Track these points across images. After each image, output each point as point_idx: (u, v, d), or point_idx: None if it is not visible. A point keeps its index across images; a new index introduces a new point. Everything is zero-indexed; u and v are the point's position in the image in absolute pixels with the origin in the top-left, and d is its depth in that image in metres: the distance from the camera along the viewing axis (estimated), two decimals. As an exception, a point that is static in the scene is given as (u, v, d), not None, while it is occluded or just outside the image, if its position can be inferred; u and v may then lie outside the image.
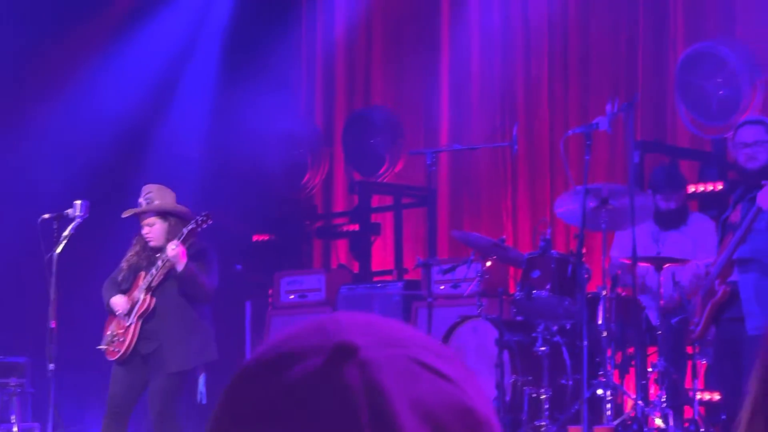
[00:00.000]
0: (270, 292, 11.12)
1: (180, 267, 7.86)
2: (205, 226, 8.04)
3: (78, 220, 8.21)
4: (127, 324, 8.09)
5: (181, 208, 8.21)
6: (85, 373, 8.86)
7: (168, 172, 10.84)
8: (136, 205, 8.26)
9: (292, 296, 10.88)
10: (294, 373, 0.95)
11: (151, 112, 12.34)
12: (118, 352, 8.08)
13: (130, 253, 8.31)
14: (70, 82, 11.88)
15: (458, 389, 0.96)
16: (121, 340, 8.12)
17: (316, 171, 12.66)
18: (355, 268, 11.62)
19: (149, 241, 8.15)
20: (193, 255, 8.03)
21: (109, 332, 8.20)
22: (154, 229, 8.11)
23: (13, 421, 9.77)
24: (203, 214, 8.02)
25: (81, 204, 8.21)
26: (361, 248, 11.64)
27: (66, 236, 8.19)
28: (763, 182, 7.50)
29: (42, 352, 8.44)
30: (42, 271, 8.31)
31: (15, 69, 11.38)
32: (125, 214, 8.28)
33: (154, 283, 8.07)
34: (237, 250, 11.51)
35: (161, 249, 8.03)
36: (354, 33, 13.23)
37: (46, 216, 8.30)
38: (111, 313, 8.18)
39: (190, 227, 7.86)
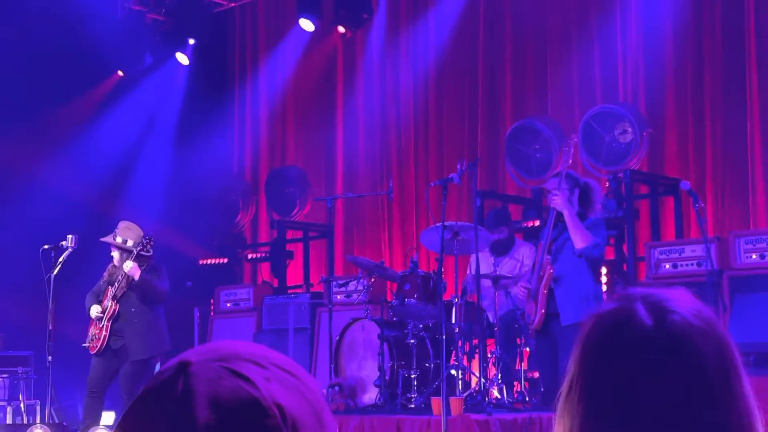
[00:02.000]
0: (212, 301, 11.24)
1: (136, 277, 8.03)
2: (149, 246, 8.16)
3: (70, 249, 8.25)
4: (101, 326, 8.16)
5: (129, 243, 8.20)
6: (73, 363, 8.88)
7: (137, 211, 11.05)
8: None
9: (228, 304, 11.09)
10: (156, 381, 1.04)
11: (125, 167, 12.44)
12: (96, 347, 8.18)
13: (106, 272, 8.41)
14: (64, 145, 11.93)
15: (254, 388, 1.00)
16: (98, 338, 8.18)
17: (246, 212, 12.80)
18: (275, 283, 11.64)
19: (115, 262, 8.32)
20: (149, 269, 8.20)
21: (90, 333, 8.27)
22: (117, 255, 8.27)
23: (21, 399, 9.76)
24: (147, 237, 8.17)
25: (72, 237, 8.26)
26: (279, 269, 11.68)
27: (61, 261, 8.29)
28: (545, 186, 7.80)
29: (43, 348, 8.46)
30: (43, 288, 8.30)
31: (27, 134, 11.20)
32: (101, 239, 8.33)
33: (117, 293, 8.14)
34: (188, 270, 11.49)
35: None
36: (273, 110, 13.24)
37: (46, 246, 8.34)
38: (90, 318, 8.26)
39: (138, 248, 7.99)
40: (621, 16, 10.61)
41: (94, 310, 8.25)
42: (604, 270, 8.28)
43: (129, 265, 8.06)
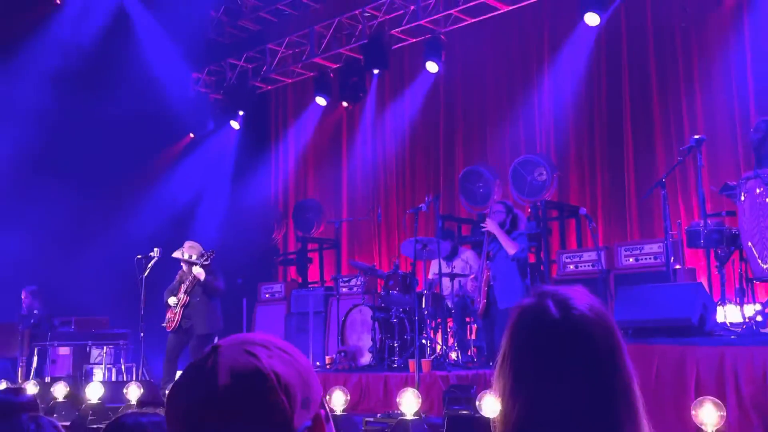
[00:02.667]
0: (256, 294, 11.13)
1: (201, 279, 8.06)
2: (212, 257, 8.16)
3: (155, 258, 8.35)
4: (175, 311, 8.22)
5: (193, 257, 8.22)
6: (157, 338, 8.85)
7: (205, 231, 11.23)
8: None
9: (267, 295, 10.98)
10: (197, 359, 1.10)
11: (196, 199, 12.45)
12: (171, 326, 8.24)
13: (178, 275, 8.41)
14: (153, 184, 11.98)
15: (258, 361, 1.05)
16: (172, 320, 8.24)
17: (279, 231, 12.68)
18: (299, 280, 11.47)
19: (184, 269, 8.33)
20: (210, 271, 8.16)
21: (167, 316, 8.29)
22: (185, 264, 8.29)
23: (121, 363, 9.69)
24: (208, 251, 8.20)
25: (158, 250, 8.39)
26: (302, 270, 11.53)
27: (149, 267, 8.37)
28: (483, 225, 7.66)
29: (137, 327, 8.63)
30: (137, 285, 8.45)
31: (126, 177, 11.43)
32: (173, 255, 8.32)
33: (188, 289, 8.17)
34: (238, 273, 11.56)
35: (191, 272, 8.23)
36: (297, 159, 13.13)
37: (139, 256, 8.43)
38: (167, 306, 8.30)
39: (201, 260, 8.03)
40: (537, 92, 10.66)
41: (172, 300, 8.26)
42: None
43: (197, 270, 8.08)
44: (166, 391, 1.50)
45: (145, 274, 8.36)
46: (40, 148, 10.40)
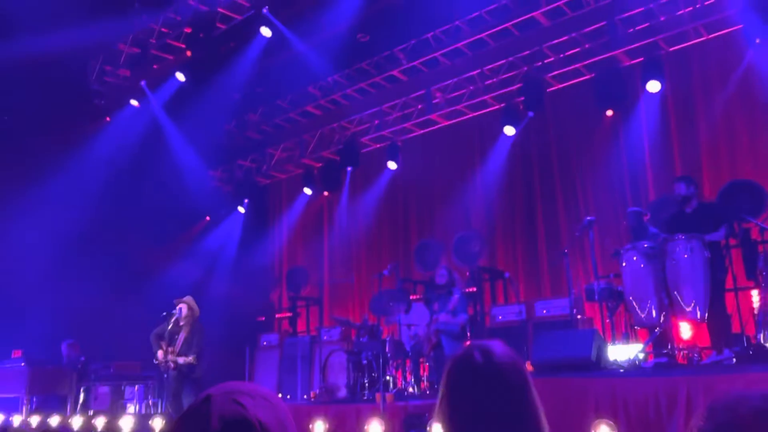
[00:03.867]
0: (257, 343, 10.62)
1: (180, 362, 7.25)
2: (195, 363, 7.18)
3: (176, 314, 7.71)
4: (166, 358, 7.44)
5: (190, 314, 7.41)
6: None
7: (216, 292, 10.92)
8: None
9: (265, 343, 10.46)
10: (192, 405, 1.04)
11: (211, 268, 12.02)
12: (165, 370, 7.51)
13: (172, 323, 7.50)
14: (179, 257, 11.64)
15: (245, 410, 0.99)
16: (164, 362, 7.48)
17: (275, 292, 12.60)
18: (290, 330, 11.07)
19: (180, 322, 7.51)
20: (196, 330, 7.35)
21: (160, 359, 7.47)
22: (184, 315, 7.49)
23: (149, 399, 9.26)
24: (193, 356, 7.22)
25: (179, 308, 7.66)
26: (293, 323, 11.17)
27: (172, 321, 7.64)
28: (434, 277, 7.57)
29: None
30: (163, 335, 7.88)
31: (154, 252, 11.14)
32: (173, 311, 7.49)
33: (176, 347, 7.36)
34: (242, 326, 11.25)
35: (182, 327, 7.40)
36: (290, 235, 12.91)
37: (165, 313, 7.68)
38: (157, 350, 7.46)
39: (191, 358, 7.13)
40: (471, 183, 10.67)
41: (160, 354, 7.44)
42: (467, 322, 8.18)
43: (182, 360, 7.22)
44: None
45: (169, 327, 7.82)
46: (91, 228, 10.29)
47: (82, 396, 9.20)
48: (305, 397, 8.89)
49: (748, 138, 8.31)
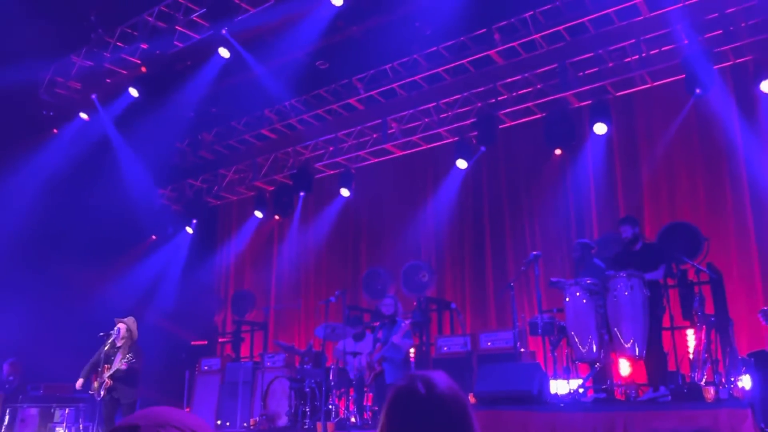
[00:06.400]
0: (197, 366, 10.14)
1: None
2: (132, 361, 6.85)
3: (115, 335, 7.18)
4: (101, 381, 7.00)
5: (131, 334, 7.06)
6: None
7: (158, 314, 10.65)
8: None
9: (206, 367, 10.02)
10: None
11: (152, 289, 11.64)
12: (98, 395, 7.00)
13: (109, 344, 7.09)
14: (123, 276, 11.34)
15: None
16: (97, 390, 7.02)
17: (220, 315, 12.29)
18: (233, 355, 10.73)
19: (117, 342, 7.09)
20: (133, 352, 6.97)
21: (94, 385, 7.00)
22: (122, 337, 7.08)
23: (80, 423, 8.98)
24: (131, 356, 6.89)
25: (117, 328, 7.17)
26: (236, 347, 10.80)
27: (109, 342, 7.13)
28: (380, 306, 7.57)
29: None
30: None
31: (98, 269, 10.60)
32: (114, 329, 7.09)
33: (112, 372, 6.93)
34: (183, 349, 11.03)
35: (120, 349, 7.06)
36: (237, 258, 12.79)
37: (102, 333, 7.29)
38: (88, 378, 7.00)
39: (129, 358, 6.79)
40: (422, 213, 10.77)
41: (83, 384, 7.03)
42: (412, 351, 8.13)
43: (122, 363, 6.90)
44: None
45: (105, 348, 7.44)
46: (29, 242, 9.90)
47: (6, 418, 8.77)
48: (245, 425, 8.63)
49: (687, 181, 8.64)
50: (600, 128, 8.51)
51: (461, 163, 9.73)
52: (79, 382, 7.01)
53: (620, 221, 6.33)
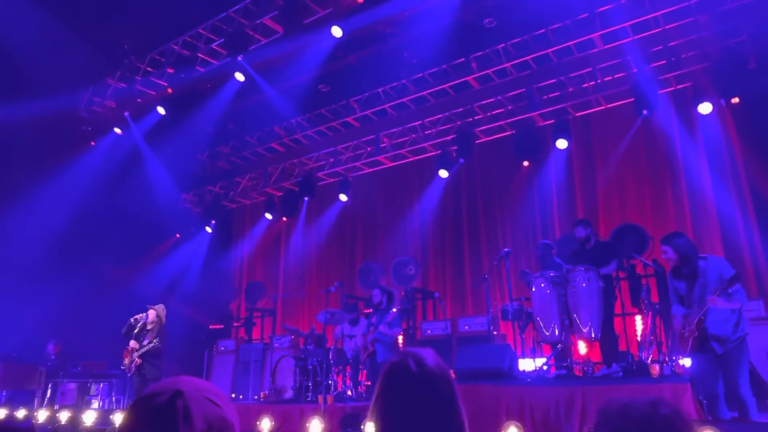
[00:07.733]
0: (214, 347, 10.12)
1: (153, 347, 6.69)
2: (158, 345, 6.65)
3: (143, 320, 7.03)
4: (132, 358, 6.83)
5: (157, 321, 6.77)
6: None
7: (183, 302, 10.58)
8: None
9: (222, 348, 9.91)
10: (156, 401, 0.88)
11: (178, 279, 11.53)
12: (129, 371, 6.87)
13: (140, 324, 6.82)
14: (155, 268, 11.31)
15: (220, 409, 0.93)
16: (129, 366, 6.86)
17: (235, 302, 12.24)
18: (246, 337, 10.57)
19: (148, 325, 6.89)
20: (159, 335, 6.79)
21: (125, 362, 6.89)
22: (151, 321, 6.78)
23: (113, 396, 8.93)
24: (157, 339, 6.69)
25: (145, 313, 7.02)
26: (248, 330, 10.55)
27: (139, 326, 6.99)
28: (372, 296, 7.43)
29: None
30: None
31: (129, 265, 10.70)
32: (145, 313, 6.82)
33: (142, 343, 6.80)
34: (202, 332, 10.91)
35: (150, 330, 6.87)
36: (250, 254, 12.57)
37: (132, 319, 6.98)
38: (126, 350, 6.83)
39: (156, 341, 6.59)
40: (410, 215, 10.63)
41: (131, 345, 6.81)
42: (401, 338, 8.05)
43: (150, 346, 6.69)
44: None
45: (135, 331, 7.20)
46: (71, 238, 9.87)
47: (49, 392, 8.68)
48: (255, 397, 8.57)
49: (635, 189, 8.65)
50: (561, 143, 8.56)
51: (443, 173, 9.73)
52: (125, 354, 6.87)
53: (575, 223, 6.31)
